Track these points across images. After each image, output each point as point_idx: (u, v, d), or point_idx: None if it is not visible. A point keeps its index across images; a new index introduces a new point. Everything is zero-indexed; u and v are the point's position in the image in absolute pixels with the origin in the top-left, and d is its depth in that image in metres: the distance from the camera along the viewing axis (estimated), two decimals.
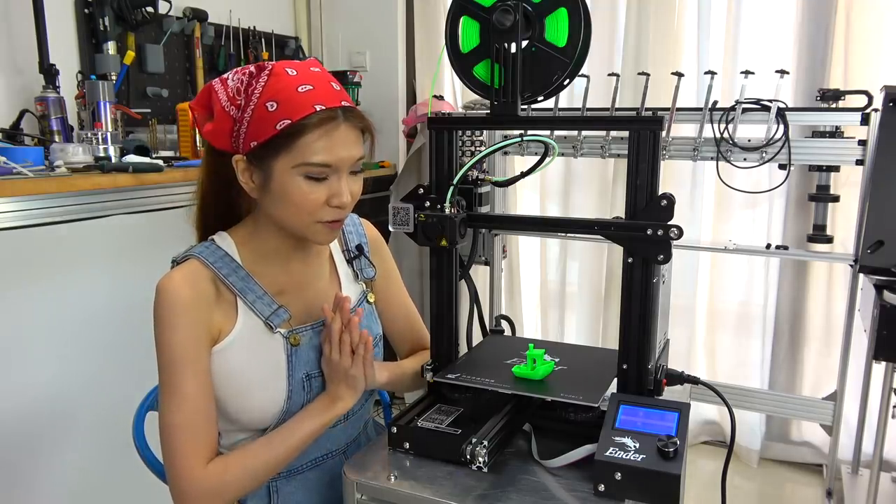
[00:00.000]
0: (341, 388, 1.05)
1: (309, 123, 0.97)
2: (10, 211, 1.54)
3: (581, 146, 2.45)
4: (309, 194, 0.99)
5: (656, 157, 0.95)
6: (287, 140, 0.97)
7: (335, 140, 0.99)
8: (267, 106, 0.97)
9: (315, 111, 0.97)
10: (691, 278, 2.67)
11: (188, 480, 0.97)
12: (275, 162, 0.99)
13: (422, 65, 3.13)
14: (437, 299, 1.12)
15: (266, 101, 0.97)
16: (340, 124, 0.99)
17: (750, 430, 2.63)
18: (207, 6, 2.59)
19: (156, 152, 2.17)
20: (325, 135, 0.98)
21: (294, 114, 0.96)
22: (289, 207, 1.01)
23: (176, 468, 0.98)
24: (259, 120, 0.98)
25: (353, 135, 1.02)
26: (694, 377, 1.06)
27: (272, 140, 0.97)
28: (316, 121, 0.97)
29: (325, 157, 0.98)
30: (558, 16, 0.98)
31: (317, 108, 0.97)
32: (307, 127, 0.97)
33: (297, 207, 1.00)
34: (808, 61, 2.41)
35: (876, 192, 2.05)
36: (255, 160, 1.01)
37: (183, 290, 0.99)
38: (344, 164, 1.01)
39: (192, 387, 0.98)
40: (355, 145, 1.02)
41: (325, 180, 1.00)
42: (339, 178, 1.01)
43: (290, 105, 0.97)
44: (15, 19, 1.99)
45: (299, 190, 0.99)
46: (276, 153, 0.98)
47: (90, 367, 1.91)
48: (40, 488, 1.82)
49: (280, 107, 0.97)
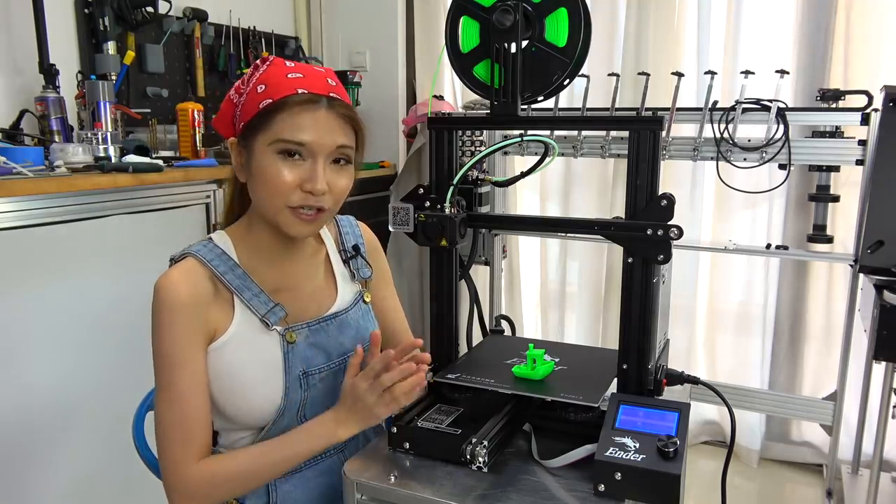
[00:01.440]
0: (353, 417, 1.01)
1: (289, 101, 0.98)
2: (10, 211, 1.54)
3: (581, 146, 2.45)
4: (280, 174, 0.99)
5: (656, 157, 0.95)
6: (266, 117, 0.99)
7: (313, 121, 0.99)
8: (257, 88, 1.01)
9: (296, 92, 0.99)
10: (691, 278, 2.67)
11: (177, 477, 0.98)
12: (255, 140, 1.00)
13: (422, 65, 3.13)
14: (437, 299, 1.12)
15: (258, 85, 1.01)
16: (322, 108, 1.00)
17: (750, 430, 2.63)
18: (207, 6, 2.60)
19: (156, 152, 2.17)
20: (303, 113, 0.99)
21: (276, 94, 0.99)
22: (262, 188, 1.01)
23: (166, 465, 0.99)
24: (248, 102, 1.01)
25: (336, 122, 1.01)
26: (694, 377, 1.06)
27: (254, 118, 1.00)
28: (297, 101, 0.99)
29: (299, 135, 0.98)
30: (558, 16, 0.98)
31: (299, 91, 0.99)
32: (286, 105, 0.98)
33: (270, 188, 1.00)
34: (808, 61, 2.41)
35: (876, 192, 2.05)
36: (243, 141, 1.03)
37: (180, 289, 0.99)
38: (320, 148, 1.00)
39: (185, 385, 0.99)
40: (337, 132, 1.01)
41: (303, 164, 1.00)
42: (314, 163, 1.00)
43: (276, 87, 0.99)
44: (15, 19, 1.99)
45: (273, 168, 0.99)
46: (257, 131, 1.00)
47: (90, 366, 1.91)
48: (40, 488, 1.82)
49: (267, 89, 1.00)
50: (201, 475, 0.99)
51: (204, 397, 1.01)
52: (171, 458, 0.99)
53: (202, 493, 0.99)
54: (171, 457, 0.99)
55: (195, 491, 0.99)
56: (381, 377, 0.98)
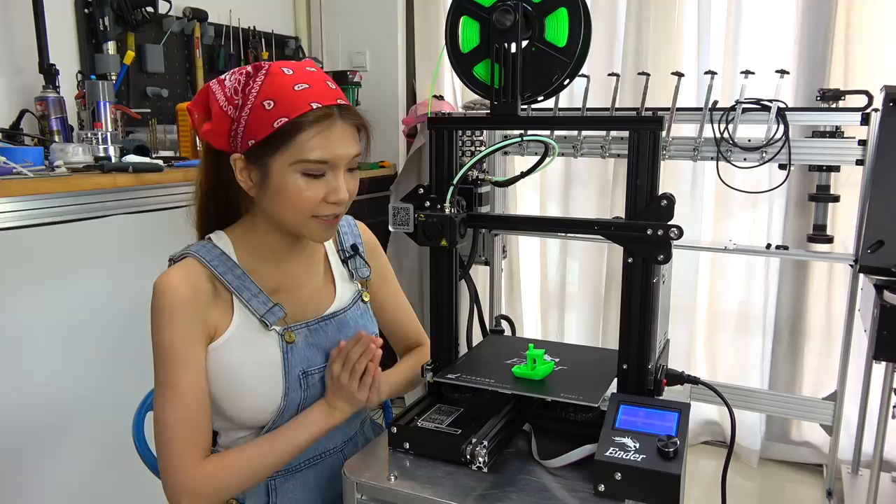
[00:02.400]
0: (340, 402, 1.07)
1: (306, 121, 0.98)
2: (10, 211, 1.54)
3: (581, 146, 2.45)
4: (306, 191, 1.00)
5: (656, 157, 0.95)
6: (284, 137, 0.98)
7: (332, 137, 1.00)
8: (264, 105, 0.98)
9: (311, 108, 0.98)
10: (691, 278, 2.67)
11: (182, 477, 0.98)
12: (272, 160, 0.99)
13: (422, 65, 3.13)
14: (437, 299, 1.12)
15: (263, 100, 0.98)
16: (336, 121, 1.00)
17: (750, 430, 2.63)
18: (207, 6, 2.59)
19: (156, 152, 2.17)
20: (322, 132, 0.99)
21: (291, 112, 0.97)
22: (286, 204, 1.01)
23: (170, 465, 0.98)
24: (257, 119, 0.99)
25: (350, 132, 1.03)
26: (694, 377, 1.06)
27: (270, 138, 0.98)
28: (313, 118, 0.98)
29: (321, 153, 0.99)
30: (558, 16, 0.98)
31: (313, 106, 0.98)
32: (304, 124, 0.98)
33: (294, 204, 1.01)
34: (808, 61, 2.41)
35: (876, 192, 2.04)
36: (254, 158, 1.01)
37: (180, 289, 0.99)
38: (341, 161, 1.01)
39: (187, 384, 0.99)
40: (352, 142, 1.03)
41: (322, 177, 1.01)
42: (336, 175, 1.02)
43: (287, 103, 0.98)
44: (15, 19, 1.99)
45: (297, 187, 1.00)
46: (274, 151, 0.99)
47: (90, 366, 1.91)
48: (40, 488, 1.82)
49: (277, 105, 0.98)
50: (210, 471, 0.99)
51: (205, 396, 1.02)
52: (175, 458, 0.98)
53: (212, 489, 0.99)
54: (174, 457, 0.98)
55: (205, 488, 0.99)
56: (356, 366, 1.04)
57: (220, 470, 1.00)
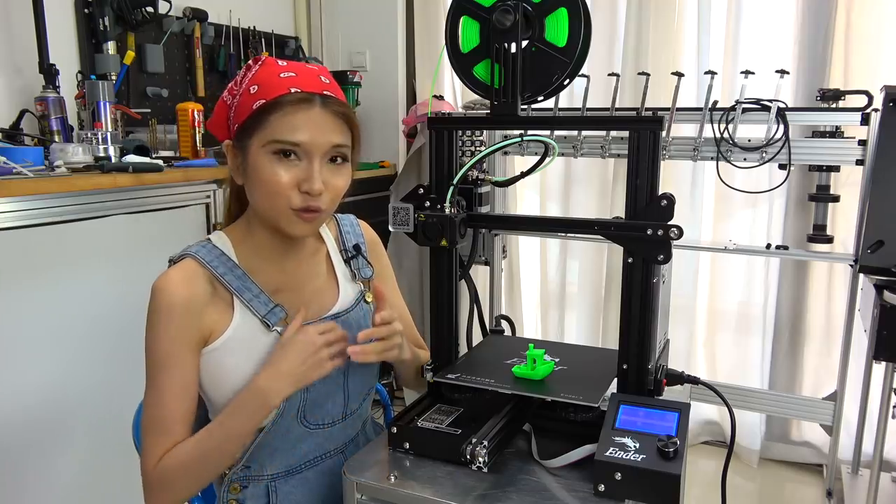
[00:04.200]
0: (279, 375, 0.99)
1: (282, 101, 0.98)
2: (10, 211, 1.54)
3: (581, 146, 2.45)
4: (276, 175, 0.98)
5: (656, 157, 0.95)
6: (260, 118, 0.98)
7: (308, 120, 0.98)
8: (250, 90, 1.00)
9: (290, 92, 0.98)
10: (691, 278, 2.67)
11: (145, 474, 1.01)
12: (250, 142, 1.00)
13: (422, 65, 3.13)
14: (437, 299, 1.12)
15: (250, 86, 1.00)
16: (315, 107, 0.99)
17: (750, 430, 2.63)
18: (207, 6, 2.60)
19: (156, 152, 2.17)
20: (297, 113, 0.98)
21: (270, 94, 0.98)
22: (260, 189, 1.01)
23: (141, 461, 1.02)
24: (242, 103, 1.01)
25: (330, 121, 1.00)
26: (694, 377, 1.06)
27: (248, 119, 0.99)
28: (290, 100, 0.98)
29: (293, 135, 0.98)
30: (558, 16, 0.98)
31: (292, 90, 0.98)
32: (279, 105, 0.98)
33: (266, 189, 0.99)
34: (808, 61, 2.41)
35: (876, 192, 2.04)
36: (238, 143, 1.03)
37: (178, 292, 0.99)
38: (316, 148, 0.99)
39: (170, 387, 1.00)
40: (331, 131, 1.00)
41: (298, 164, 0.99)
42: (310, 163, 1.00)
43: (269, 87, 0.99)
44: (15, 19, 1.99)
45: (269, 169, 0.98)
46: (251, 133, 1.00)
47: (90, 366, 1.91)
48: (40, 488, 1.82)
49: (260, 89, 0.99)
50: (157, 471, 1.00)
51: (187, 400, 1.02)
52: (144, 455, 1.01)
53: (160, 487, 1.00)
54: (144, 454, 1.01)
55: (156, 484, 1.00)
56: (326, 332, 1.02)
57: (165, 466, 0.99)
